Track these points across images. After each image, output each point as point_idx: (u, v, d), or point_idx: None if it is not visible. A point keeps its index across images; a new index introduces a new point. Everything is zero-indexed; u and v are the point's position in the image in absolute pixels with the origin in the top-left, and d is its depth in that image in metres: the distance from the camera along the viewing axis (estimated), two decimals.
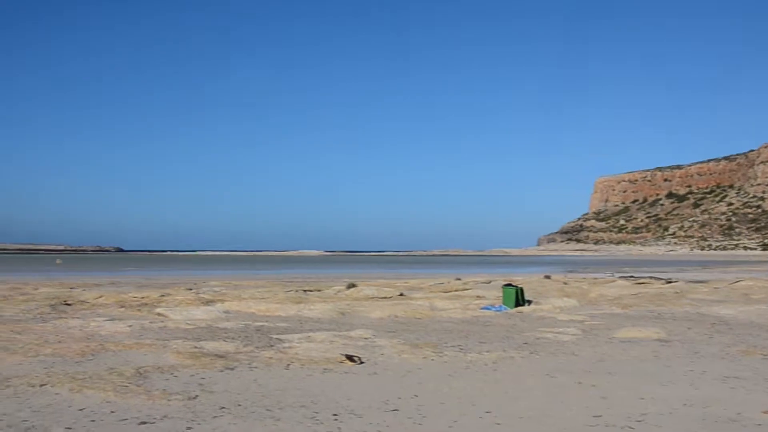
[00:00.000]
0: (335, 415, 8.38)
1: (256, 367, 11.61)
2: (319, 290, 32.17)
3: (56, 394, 9.42)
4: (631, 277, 50.03)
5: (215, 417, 8.23)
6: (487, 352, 13.40)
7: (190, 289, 31.98)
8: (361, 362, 12.09)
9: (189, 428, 7.74)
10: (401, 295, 29.29)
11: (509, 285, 24.73)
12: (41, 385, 9.86)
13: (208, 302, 24.57)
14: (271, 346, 14.15)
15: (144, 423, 7.92)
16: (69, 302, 24.29)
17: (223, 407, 8.73)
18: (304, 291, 31.46)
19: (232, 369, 11.43)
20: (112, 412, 8.44)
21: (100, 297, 26.27)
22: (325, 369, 11.52)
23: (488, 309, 22.41)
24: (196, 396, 9.36)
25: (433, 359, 12.61)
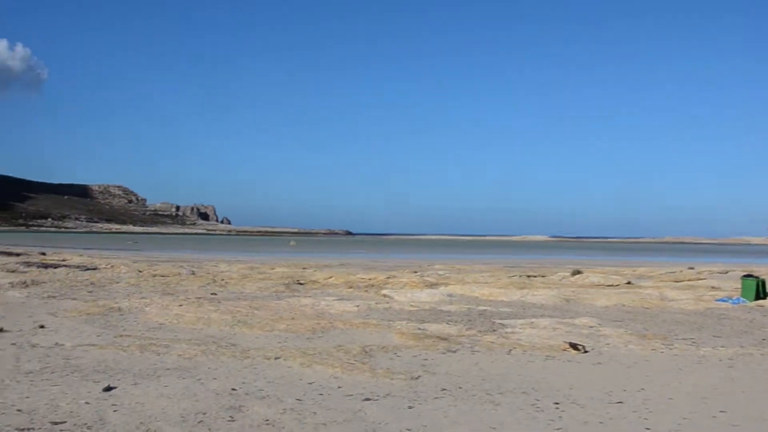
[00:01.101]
0: (556, 403, 8.22)
1: (478, 351, 11.65)
2: (543, 276, 31.83)
3: (288, 367, 9.97)
4: None
5: (436, 398, 8.34)
6: (722, 347, 12.58)
7: (415, 272, 32.67)
8: (585, 351, 11.78)
9: (410, 407, 7.90)
10: (629, 283, 28.33)
11: (749, 276, 23.15)
12: (276, 358, 10.48)
13: (432, 285, 25.02)
14: (494, 330, 14.15)
15: (368, 399, 8.18)
16: (301, 282, 25.66)
17: (444, 389, 8.83)
18: (528, 276, 31.24)
19: (454, 351, 11.54)
20: (339, 387, 8.79)
21: (330, 277, 27.50)
22: (547, 356, 11.34)
23: (724, 301, 21.08)
24: (419, 376, 9.53)
25: (662, 351, 12.04)
